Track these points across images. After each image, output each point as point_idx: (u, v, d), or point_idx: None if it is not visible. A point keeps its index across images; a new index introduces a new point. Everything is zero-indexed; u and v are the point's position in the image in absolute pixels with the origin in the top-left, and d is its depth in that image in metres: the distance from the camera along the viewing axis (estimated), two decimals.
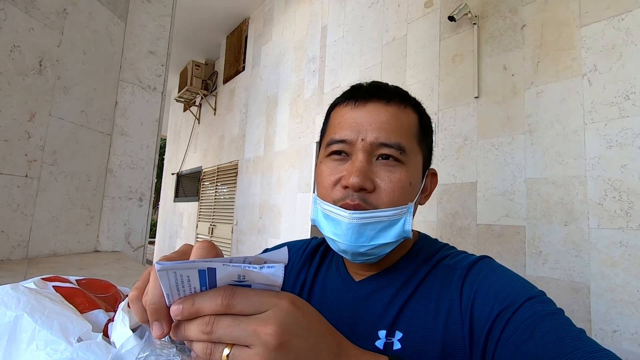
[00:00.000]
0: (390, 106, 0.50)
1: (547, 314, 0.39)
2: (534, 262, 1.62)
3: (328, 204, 0.49)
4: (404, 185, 0.48)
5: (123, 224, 2.03)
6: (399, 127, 0.49)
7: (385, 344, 0.47)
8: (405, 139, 0.49)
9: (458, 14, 1.90)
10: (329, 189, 0.50)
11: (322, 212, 0.51)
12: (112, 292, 0.45)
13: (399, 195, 0.48)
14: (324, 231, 0.51)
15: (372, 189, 0.47)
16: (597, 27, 1.51)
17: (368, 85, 0.53)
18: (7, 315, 0.34)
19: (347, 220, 0.47)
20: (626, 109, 1.41)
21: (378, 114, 0.49)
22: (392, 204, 0.47)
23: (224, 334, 0.26)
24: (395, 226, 0.48)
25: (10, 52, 1.42)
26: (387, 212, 0.47)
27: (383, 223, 0.47)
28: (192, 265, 0.26)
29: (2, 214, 1.43)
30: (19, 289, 0.37)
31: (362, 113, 0.50)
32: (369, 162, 0.48)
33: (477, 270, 0.47)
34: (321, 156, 0.55)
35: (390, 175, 0.48)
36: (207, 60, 5.71)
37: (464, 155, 1.95)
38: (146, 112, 2.14)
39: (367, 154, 0.48)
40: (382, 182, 0.48)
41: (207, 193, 5.25)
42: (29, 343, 0.33)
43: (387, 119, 0.49)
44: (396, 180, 0.48)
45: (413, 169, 0.50)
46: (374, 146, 0.48)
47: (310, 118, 3.23)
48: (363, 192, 0.47)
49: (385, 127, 0.48)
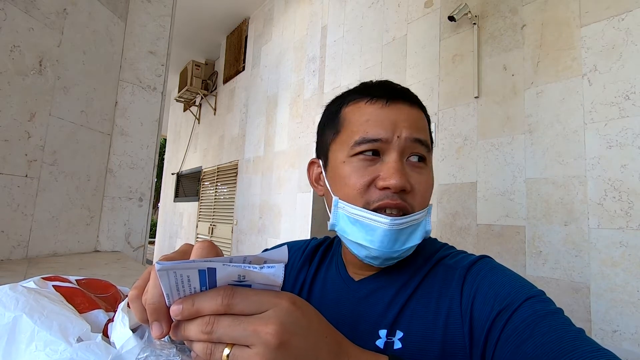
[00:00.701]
0: (414, 108, 0.51)
1: (547, 314, 0.39)
2: (534, 262, 1.62)
3: (359, 209, 0.47)
4: (430, 185, 0.50)
5: (123, 224, 2.03)
6: (424, 127, 0.51)
7: (386, 344, 0.47)
8: (428, 139, 0.51)
9: (458, 14, 1.90)
10: (361, 191, 0.48)
11: (349, 217, 0.48)
12: (112, 292, 0.45)
13: (428, 196, 0.49)
14: (352, 237, 0.49)
15: (410, 190, 0.47)
16: (597, 27, 1.51)
17: (388, 85, 0.53)
18: (6, 316, 0.34)
19: (387, 227, 0.45)
20: (626, 109, 1.41)
21: (407, 113, 0.50)
22: (424, 205, 0.49)
23: (224, 333, 0.26)
24: (420, 227, 0.49)
25: (10, 52, 1.42)
26: (419, 215, 0.48)
27: (415, 226, 0.48)
28: (192, 265, 0.26)
29: (2, 214, 1.43)
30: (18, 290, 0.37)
31: (392, 112, 0.49)
32: (403, 163, 0.48)
33: (477, 270, 0.47)
34: (342, 156, 0.51)
35: (420, 176, 0.49)
36: (207, 60, 5.71)
37: (464, 155, 1.95)
38: (146, 112, 2.14)
39: (400, 153, 0.48)
40: (416, 183, 0.48)
41: (207, 193, 5.25)
42: (28, 344, 0.33)
43: (415, 118, 0.50)
44: (424, 181, 0.49)
45: (431, 168, 0.52)
46: (408, 142, 0.48)
47: (310, 118, 3.23)
48: (402, 194, 0.47)
49: (416, 125, 0.49)
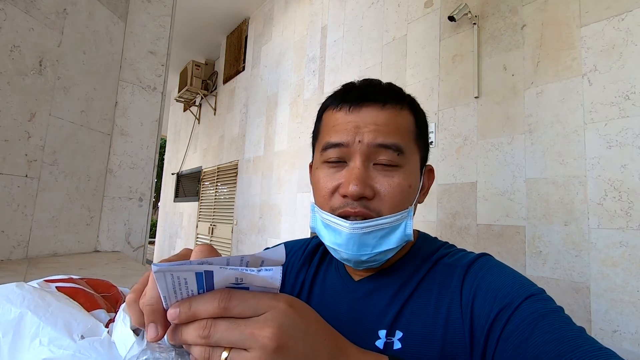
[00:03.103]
0: (386, 109, 0.49)
1: (547, 313, 0.39)
2: (534, 262, 1.62)
3: (327, 213, 0.48)
4: (404, 189, 0.47)
5: (123, 224, 2.03)
6: (396, 129, 0.48)
7: (386, 344, 0.47)
8: (403, 140, 0.48)
9: (458, 14, 1.90)
10: (327, 198, 0.49)
11: (322, 221, 0.50)
12: (113, 292, 0.45)
13: (399, 200, 0.47)
14: (325, 240, 0.50)
15: (372, 196, 0.46)
16: (597, 27, 1.51)
17: (361, 86, 0.52)
18: (12, 311, 0.35)
19: (348, 231, 0.46)
20: (626, 109, 1.41)
21: (374, 116, 0.48)
22: (393, 209, 0.47)
23: (222, 337, 0.26)
24: (396, 231, 0.47)
25: (10, 52, 1.42)
26: (388, 219, 0.46)
27: (385, 230, 0.47)
28: (189, 267, 0.26)
29: (2, 214, 1.43)
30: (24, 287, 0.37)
31: (358, 116, 0.48)
32: (367, 168, 0.47)
33: (476, 269, 0.47)
34: (316, 161, 0.53)
35: (389, 180, 0.47)
36: (207, 60, 5.71)
37: (464, 155, 1.95)
38: (146, 112, 2.14)
39: (364, 158, 0.47)
40: (382, 188, 0.47)
41: (207, 193, 5.25)
42: (32, 339, 0.34)
43: (383, 121, 0.48)
44: (395, 184, 0.47)
45: (411, 170, 0.49)
46: (371, 148, 0.47)
47: (310, 118, 3.23)
48: (364, 200, 0.46)
49: (382, 129, 0.47)
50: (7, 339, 0.34)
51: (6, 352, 0.33)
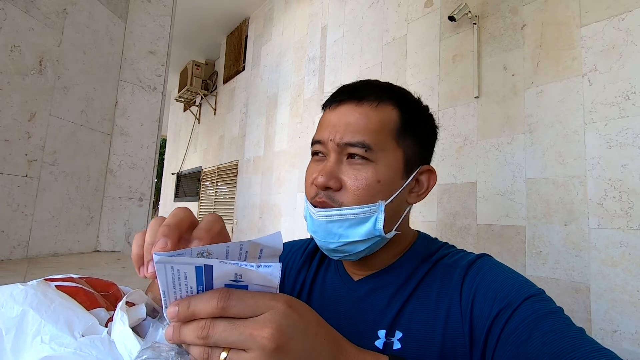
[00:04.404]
0: (361, 106, 0.51)
1: (547, 313, 0.39)
2: (534, 262, 1.62)
3: (307, 202, 0.52)
4: (370, 183, 0.48)
5: (123, 224, 2.03)
6: (366, 126, 0.49)
7: (385, 344, 0.47)
8: (372, 137, 0.49)
9: (458, 13, 1.90)
10: (308, 188, 0.53)
11: (306, 208, 0.54)
12: (112, 290, 0.45)
13: (364, 192, 0.48)
14: (307, 227, 0.53)
15: (339, 188, 0.49)
16: (597, 27, 1.51)
17: (347, 86, 0.55)
18: (15, 309, 0.35)
19: (315, 217, 0.49)
20: (626, 109, 1.41)
21: (347, 115, 0.51)
22: (358, 201, 0.48)
23: (221, 338, 0.26)
24: (364, 224, 0.48)
25: (10, 52, 1.42)
26: (352, 210, 0.48)
27: (350, 221, 0.48)
28: (189, 260, 0.26)
29: (2, 214, 1.43)
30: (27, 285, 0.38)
31: (335, 115, 0.52)
32: (339, 162, 0.50)
33: (476, 269, 0.47)
34: None
35: (356, 173, 0.49)
36: (207, 60, 5.71)
37: (464, 155, 1.95)
38: (146, 112, 2.14)
39: (337, 154, 0.50)
40: (349, 180, 0.49)
41: (207, 193, 5.25)
42: (34, 336, 0.34)
43: (355, 119, 0.50)
44: (362, 178, 0.48)
45: (385, 166, 0.49)
46: (341, 146, 0.50)
47: (310, 118, 3.23)
48: (329, 191, 0.49)
49: (352, 128, 0.50)
50: (9, 336, 0.34)
51: (9, 350, 0.34)
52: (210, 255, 0.27)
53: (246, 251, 0.28)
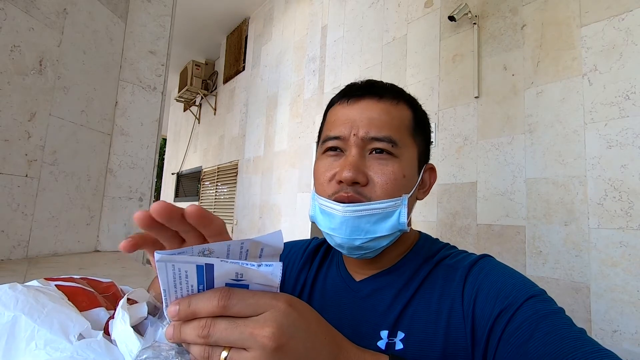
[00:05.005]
0: (382, 102, 0.51)
1: (548, 314, 0.39)
2: (534, 262, 1.62)
3: (323, 199, 0.50)
4: (397, 177, 0.49)
5: (123, 224, 2.03)
6: (390, 122, 0.50)
7: (387, 344, 0.47)
8: (396, 133, 0.50)
9: (458, 13, 1.90)
10: (325, 185, 0.51)
11: (319, 207, 0.51)
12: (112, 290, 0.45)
13: (392, 187, 0.48)
14: (321, 226, 0.51)
15: (366, 183, 0.48)
16: (597, 26, 1.51)
17: (362, 83, 0.54)
18: (6, 315, 0.34)
19: (341, 214, 0.47)
20: (626, 109, 1.41)
21: (370, 110, 0.50)
22: (386, 196, 0.48)
23: (221, 337, 0.26)
24: (390, 218, 0.48)
25: (10, 52, 1.42)
26: (380, 204, 0.47)
27: (377, 215, 0.48)
28: (190, 259, 0.26)
29: (2, 214, 1.43)
30: (17, 289, 0.37)
31: (355, 110, 0.51)
32: (362, 157, 0.49)
33: (478, 270, 0.47)
34: (318, 153, 0.56)
35: (383, 167, 0.49)
36: (207, 60, 5.71)
37: (464, 155, 1.95)
38: (146, 112, 2.14)
39: (360, 148, 0.49)
40: (376, 175, 0.48)
41: (207, 193, 5.25)
42: (28, 342, 0.33)
43: (378, 114, 0.50)
44: (389, 172, 0.48)
45: (407, 161, 0.50)
46: (366, 141, 0.49)
47: (310, 118, 3.23)
48: (357, 186, 0.48)
49: (376, 123, 0.49)
50: (1, 343, 0.33)
51: (1, 357, 0.33)
52: (211, 253, 0.27)
53: (247, 250, 0.28)
